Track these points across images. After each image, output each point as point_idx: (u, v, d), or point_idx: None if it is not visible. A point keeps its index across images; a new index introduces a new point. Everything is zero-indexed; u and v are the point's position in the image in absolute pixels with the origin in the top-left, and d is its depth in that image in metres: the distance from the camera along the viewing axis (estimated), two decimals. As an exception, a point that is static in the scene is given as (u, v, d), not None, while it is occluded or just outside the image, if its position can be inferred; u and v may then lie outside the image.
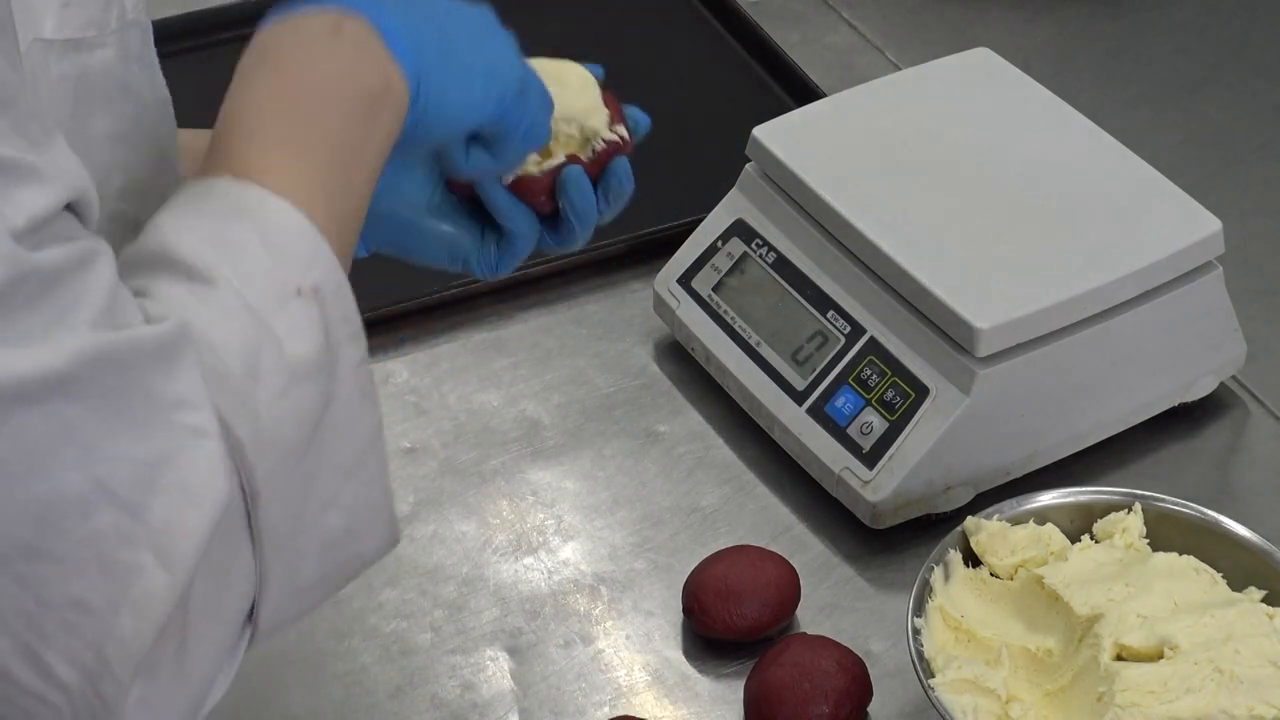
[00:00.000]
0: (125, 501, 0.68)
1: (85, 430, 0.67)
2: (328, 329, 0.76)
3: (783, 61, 1.60)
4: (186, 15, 1.62)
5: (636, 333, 1.38)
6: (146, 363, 0.69)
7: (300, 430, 0.75)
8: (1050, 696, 1.06)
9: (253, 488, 0.73)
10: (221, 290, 0.74)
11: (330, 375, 0.76)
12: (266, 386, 0.73)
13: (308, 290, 0.76)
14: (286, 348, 0.74)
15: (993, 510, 1.14)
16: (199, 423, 0.70)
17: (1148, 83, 1.64)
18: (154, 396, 0.69)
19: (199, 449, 0.70)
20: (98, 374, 0.68)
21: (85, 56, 0.77)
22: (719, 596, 1.15)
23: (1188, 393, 1.30)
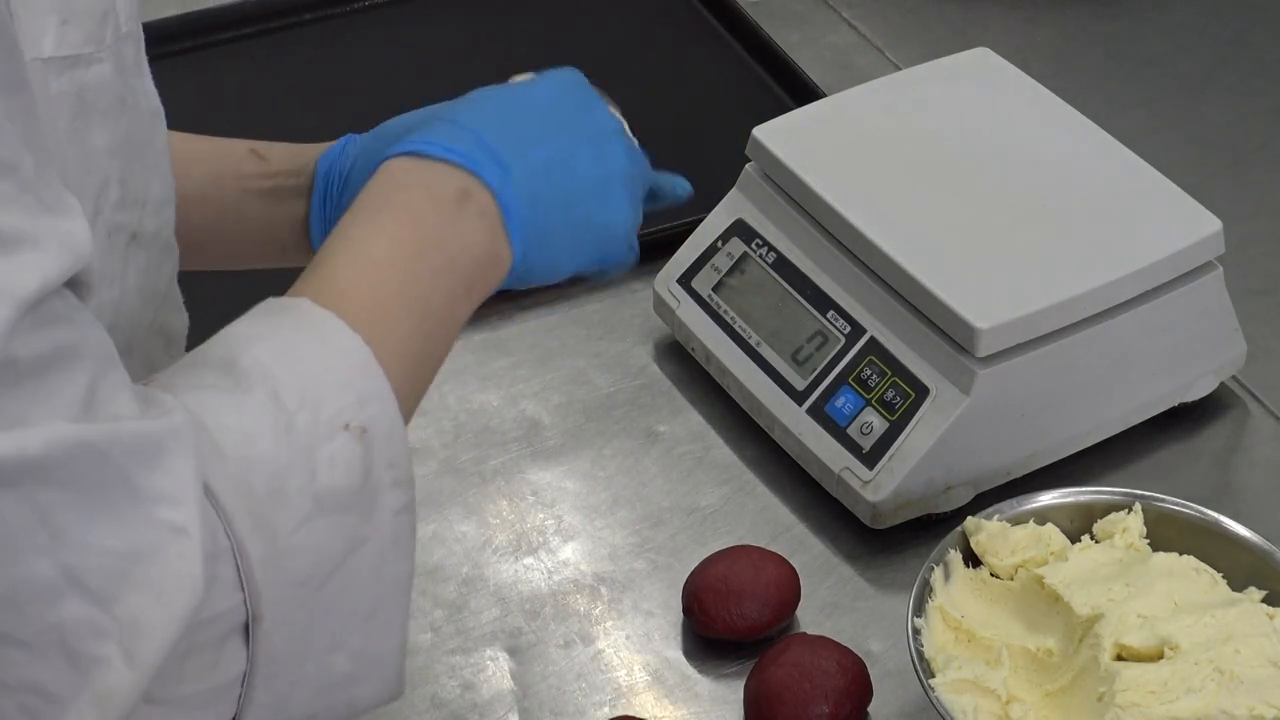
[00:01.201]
0: (94, 592, 0.67)
1: (59, 517, 0.66)
2: (370, 470, 0.75)
3: (783, 61, 1.60)
4: (186, 15, 1.63)
5: (636, 333, 1.38)
6: (128, 455, 0.68)
7: (318, 564, 0.74)
8: (1050, 696, 1.06)
9: (257, 610, 0.72)
10: (267, 405, 0.73)
11: (364, 517, 0.75)
12: (288, 512, 0.73)
13: (356, 427, 0.75)
14: (320, 479, 0.74)
15: (993, 510, 1.14)
16: (179, 520, 0.69)
17: (1148, 83, 1.64)
18: (134, 489, 0.68)
19: (176, 547, 0.69)
20: (75, 462, 0.67)
21: (83, 72, 0.77)
22: (719, 596, 1.15)
23: (1188, 393, 1.30)
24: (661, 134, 1.51)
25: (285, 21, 1.67)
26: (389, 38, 1.66)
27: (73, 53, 0.76)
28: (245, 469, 0.72)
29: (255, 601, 0.72)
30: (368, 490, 0.75)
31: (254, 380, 0.74)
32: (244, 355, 0.75)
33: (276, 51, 1.64)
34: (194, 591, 0.69)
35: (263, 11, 1.66)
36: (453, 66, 1.61)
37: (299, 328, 0.77)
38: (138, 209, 0.83)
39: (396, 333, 0.80)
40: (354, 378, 0.76)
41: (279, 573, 0.72)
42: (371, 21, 1.68)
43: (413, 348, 0.81)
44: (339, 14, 1.68)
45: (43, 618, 0.67)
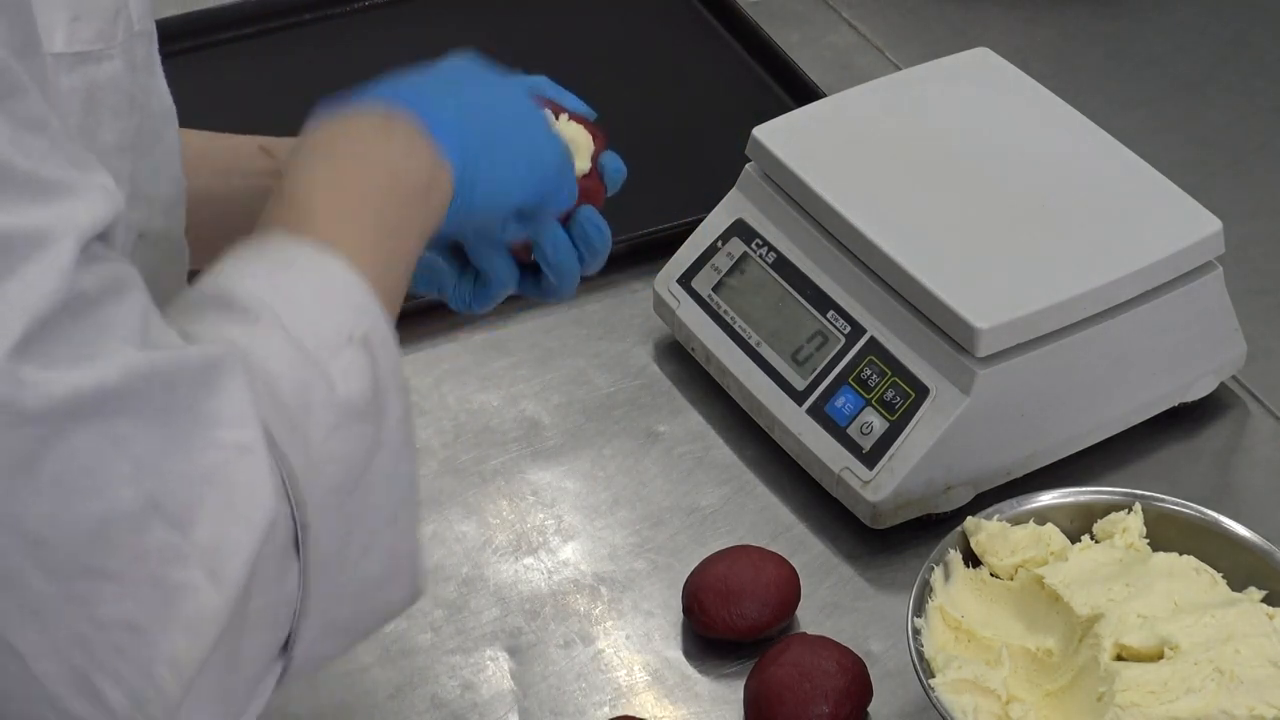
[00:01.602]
0: (175, 518, 0.69)
1: (137, 446, 0.68)
2: (377, 377, 0.78)
3: (783, 61, 1.60)
4: (186, 15, 1.63)
5: (636, 333, 1.38)
6: (191, 381, 0.70)
7: (349, 469, 0.76)
8: (1050, 696, 1.06)
9: (303, 518, 0.73)
10: (275, 330, 0.75)
11: (378, 423, 0.78)
12: (318, 421, 0.75)
13: (359, 338, 0.77)
14: (338, 388, 0.76)
15: (993, 510, 1.14)
16: (245, 439, 0.71)
17: (1148, 83, 1.64)
18: (199, 414, 0.70)
19: (244, 465, 0.71)
20: (147, 390, 0.68)
21: (93, 69, 0.78)
22: (719, 596, 1.15)
23: (1188, 393, 1.30)
24: (661, 134, 1.52)
25: (285, 21, 1.67)
26: (389, 38, 1.66)
27: (83, 49, 0.77)
28: (273, 387, 0.74)
29: (301, 510, 0.73)
30: (378, 396, 0.78)
31: (255, 310, 0.76)
32: (238, 290, 0.77)
33: (276, 51, 1.64)
34: (267, 506, 0.71)
35: (263, 11, 1.66)
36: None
37: (280, 259, 0.79)
38: (145, 207, 0.84)
39: (364, 248, 0.82)
40: (345, 294, 0.79)
41: (316, 480, 0.74)
42: (371, 21, 1.68)
43: (379, 261, 0.83)
44: (339, 14, 1.68)
45: (131, 548, 0.68)
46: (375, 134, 0.88)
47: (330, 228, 0.82)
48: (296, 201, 0.84)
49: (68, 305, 0.67)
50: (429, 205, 0.89)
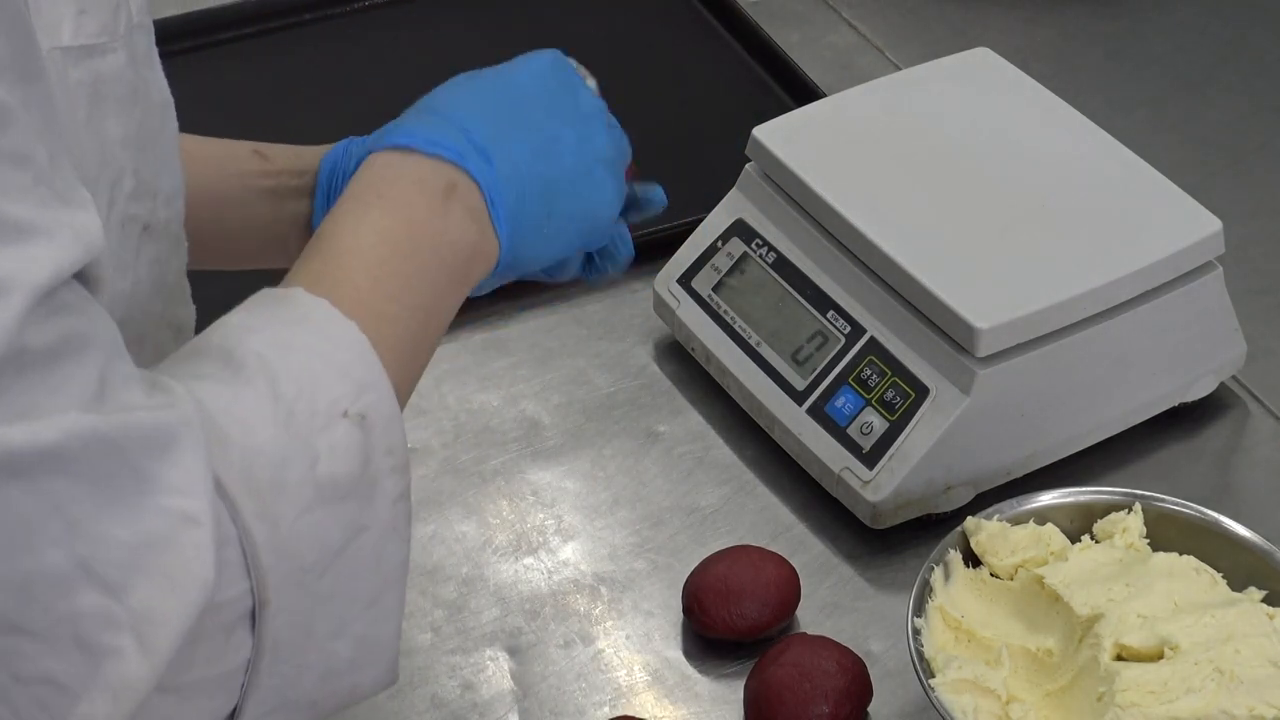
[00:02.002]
0: (108, 582, 0.67)
1: (73, 507, 0.67)
2: (369, 458, 0.76)
3: (783, 61, 1.60)
4: (186, 15, 1.63)
5: (636, 333, 1.38)
6: (140, 446, 0.68)
7: (321, 551, 0.74)
8: (1050, 696, 1.06)
9: (263, 595, 0.72)
10: (266, 395, 0.74)
11: (364, 504, 0.76)
12: (291, 500, 0.73)
13: (354, 415, 0.76)
14: (320, 467, 0.74)
15: (993, 510, 1.14)
16: (191, 509, 0.69)
17: (1148, 83, 1.64)
18: (145, 479, 0.68)
19: (188, 536, 0.69)
20: (89, 452, 0.67)
21: (98, 61, 0.77)
22: (719, 596, 1.15)
23: (1188, 393, 1.30)
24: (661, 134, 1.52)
25: (285, 21, 1.67)
26: (389, 38, 1.66)
27: (88, 42, 0.76)
28: (248, 457, 0.72)
29: (261, 587, 0.72)
30: (367, 477, 0.76)
31: (251, 371, 0.75)
32: (240, 346, 0.76)
33: (276, 51, 1.64)
34: (206, 580, 0.69)
35: (263, 11, 1.67)
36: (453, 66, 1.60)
37: (294, 317, 0.78)
38: (150, 200, 0.84)
39: (388, 322, 0.80)
40: (351, 365, 0.77)
41: (284, 559, 0.73)
42: (371, 21, 1.68)
43: (404, 337, 0.81)
44: (339, 14, 1.68)
45: (56, 608, 0.67)
46: (437, 199, 0.86)
47: (360, 290, 0.80)
48: (335, 250, 0.83)
49: (9, 361, 0.65)
50: (467, 280, 0.87)
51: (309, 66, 1.63)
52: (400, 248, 0.84)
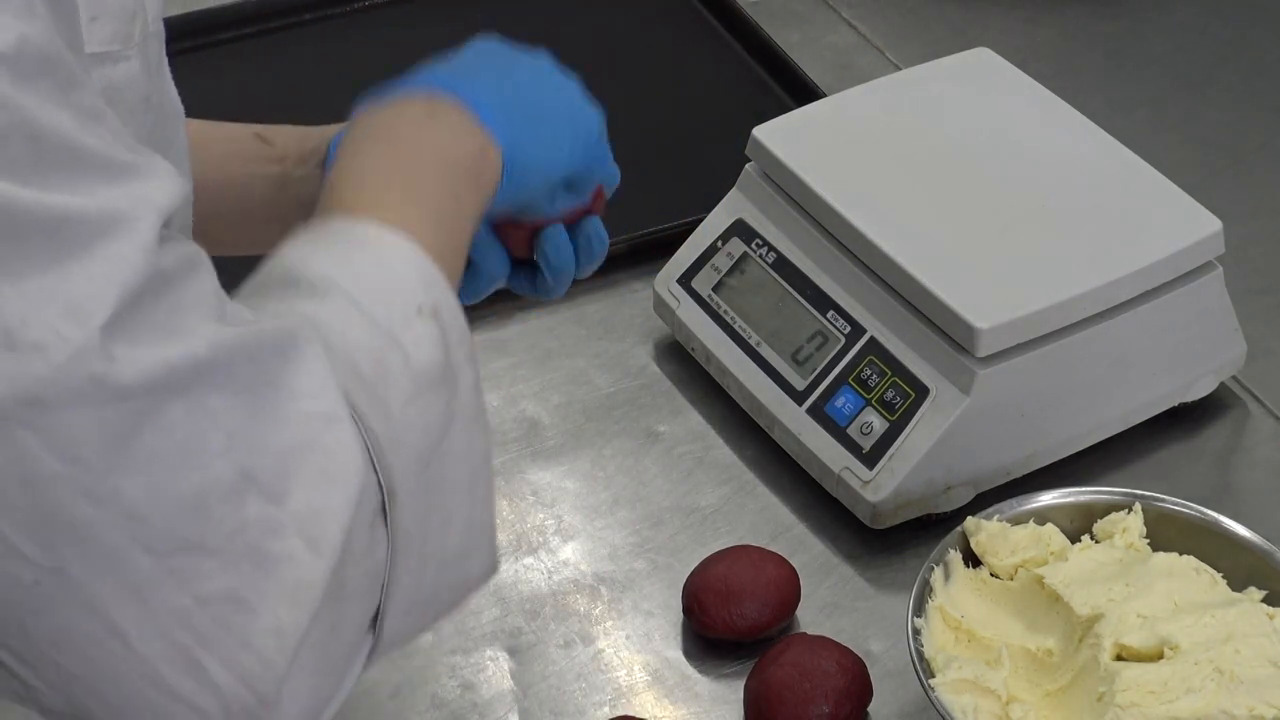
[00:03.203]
0: (269, 490, 0.69)
1: (228, 419, 0.68)
2: (448, 347, 0.78)
3: (783, 61, 1.60)
4: (186, 15, 1.63)
5: (636, 333, 1.38)
6: (271, 355, 0.70)
7: (428, 438, 0.76)
8: (1050, 696, 1.06)
9: (390, 486, 0.74)
10: (346, 304, 0.76)
11: (451, 393, 0.78)
12: (396, 390, 0.75)
13: (427, 310, 0.78)
14: (412, 357, 0.76)
15: (993, 510, 1.14)
16: (328, 409, 0.71)
17: (1148, 83, 1.64)
18: (281, 387, 0.70)
19: (331, 434, 0.71)
20: (233, 364, 0.69)
21: (111, 69, 0.78)
22: (719, 596, 1.15)
23: (1188, 393, 1.30)
24: (661, 134, 1.52)
25: (285, 21, 1.67)
26: (389, 38, 1.66)
27: (101, 49, 0.77)
28: (351, 358, 0.74)
29: (388, 478, 0.74)
30: (450, 367, 0.78)
31: (324, 288, 0.77)
32: (305, 270, 0.78)
33: (276, 51, 1.64)
34: (358, 473, 0.71)
35: (263, 11, 1.66)
36: (453, 66, 1.61)
37: (343, 238, 0.80)
38: None
39: (423, 228, 0.82)
40: (409, 268, 0.79)
41: (399, 449, 0.74)
42: (371, 21, 1.68)
43: (440, 241, 0.83)
44: (339, 14, 1.68)
45: (229, 521, 0.68)
46: (422, 118, 0.89)
47: (388, 208, 0.83)
48: (352, 185, 0.85)
49: (151, 283, 0.67)
50: (480, 185, 0.90)
51: (309, 66, 1.63)
52: (409, 165, 0.87)
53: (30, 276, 0.65)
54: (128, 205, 0.67)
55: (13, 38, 0.65)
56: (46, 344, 0.64)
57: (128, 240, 0.67)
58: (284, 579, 0.69)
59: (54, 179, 0.65)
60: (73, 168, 0.66)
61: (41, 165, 0.65)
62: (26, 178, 0.64)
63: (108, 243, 0.66)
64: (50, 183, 0.65)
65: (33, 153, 0.65)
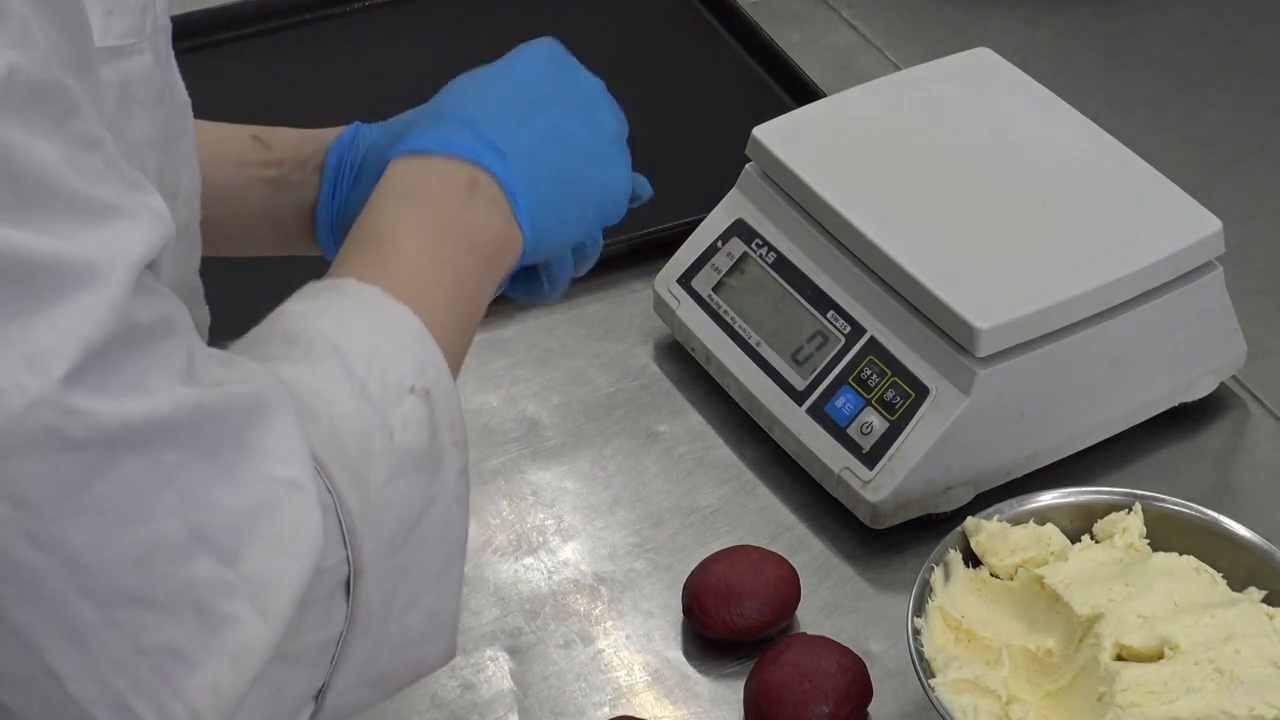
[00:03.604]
0: (222, 550, 0.69)
1: (184, 477, 0.68)
2: (435, 431, 0.78)
3: (783, 61, 1.60)
4: (186, 15, 1.62)
5: (636, 333, 1.38)
6: (240, 415, 0.70)
7: (403, 521, 0.76)
8: (1050, 696, 1.06)
9: (358, 564, 0.74)
10: (339, 372, 0.76)
11: (433, 477, 0.78)
12: (377, 468, 0.75)
13: (420, 390, 0.78)
14: (397, 436, 0.76)
15: (993, 510, 1.14)
16: (293, 475, 0.71)
17: (1148, 83, 1.64)
18: (247, 449, 0.70)
19: (293, 500, 0.71)
20: (196, 423, 0.68)
21: (125, 63, 0.78)
22: (719, 596, 1.15)
23: (1188, 393, 1.30)
24: (662, 134, 1.52)
25: (285, 21, 1.67)
26: (389, 38, 1.66)
27: (116, 43, 0.77)
28: (335, 429, 0.74)
29: (357, 555, 0.74)
30: (435, 450, 0.78)
31: (321, 351, 0.77)
32: (306, 329, 0.78)
33: (276, 51, 1.64)
34: (316, 542, 0.71)
35: (263, 11, 1.66)
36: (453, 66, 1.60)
37: (350, 303, 0.80)
38: (172, 200, 0.84)
39: (434, 308, 0.82)
40: (410, 345, 0.79)
41: (373, 528, 0.74)
42: (371, 21, 1.68)
43: (449, 322, 0.84)
44: (339, 14, 1.68)
45: (175, 578, 0.68)
46: (462, 193, 0.88)
47: (406, 279, 0.83)
48: (375, 244, 0.85)
49: (118, 338, 0.66)
50: (499, 269, 0.90)
51: (309, 66, 1.63)
52: (436, 238, 0.86)
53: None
54: (102, 254, 0.66)
55: (1, 68, 0.64)
56: (2, 391, 0.64)
57: (97, 292, 0.66)
58: (227, 640, 0.69)
59: (28, 219, 0.64)
60: (50, 208, 0.65)
61: (19, 205, 0.64)
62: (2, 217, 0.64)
63: (76, 293, 0.65)
64: (25, 223, 0.64)
65: (10, 191, 0.64)
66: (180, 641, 0.68)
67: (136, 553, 0.67)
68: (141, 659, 0.68)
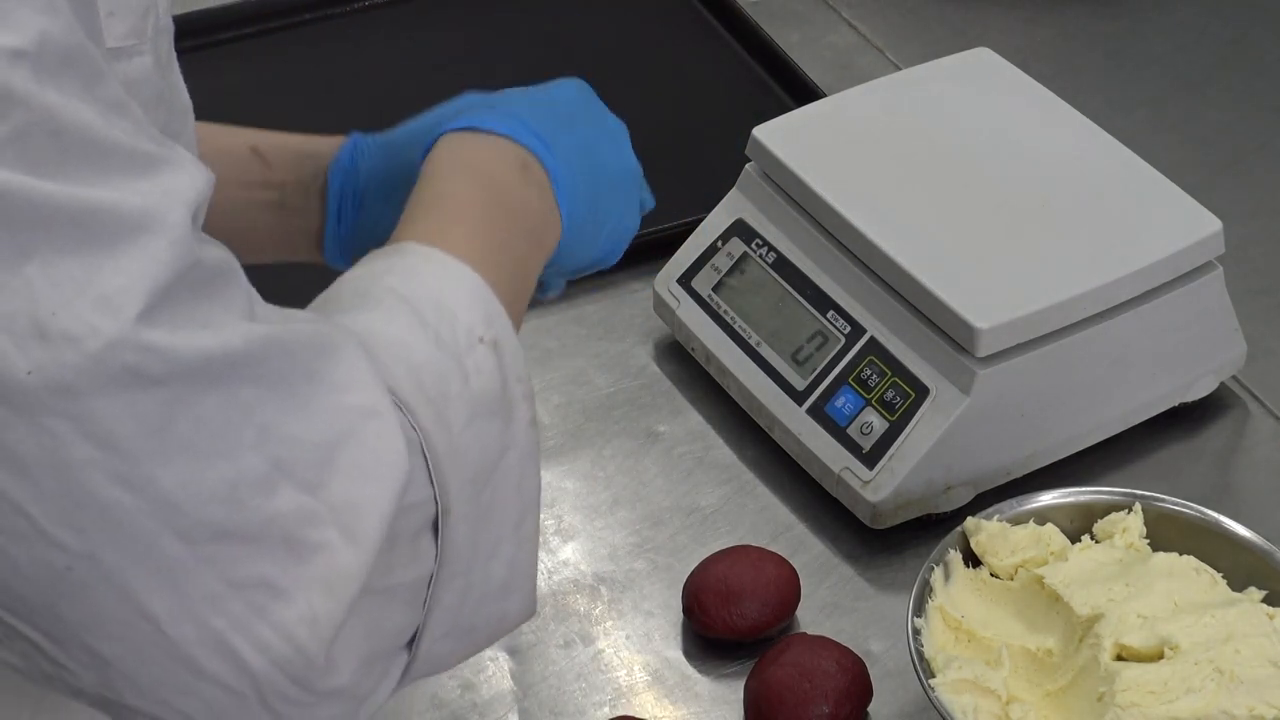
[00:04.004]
0: (304, 480, 0.69)
1: (261, 411, 0.69)
2: (505, 380, 0.79)
3: (783, 61, 1.60)
4: (186, 15, 1.62)
5: (636, 333, 1.38)
6: (308, 351, 0.71)
7: (484, 463, 0.77)
8: (1050, 697, 1.06)
9: (445, 502, 0.74)
10: (412, 321, 0.77)
11: (506, 424, 0.79)
12: (456, 410, 0.76)
13: (489, 340, 0.79)
14: (472, 383, 0.77)
15: (993, 510, 1.14)
16: (368, 402, 0.72)
17: (1148, 83, 1.64)
18: (319, 380, 0.71)
19: (371, 427, 0.71)
20: (268, 357, 0.69)
21: (126, 65, 0.78)
22: (719, 596, 1.15)
23: (1188, 393, 1.30)
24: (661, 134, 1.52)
25: (285, 21, 1.67)
26: (389, 38, 1.66)
27: (117, 45, 0.77)
28: (415, 371, 0.75)
29: (444, 494, 0.74)
30: (506, 399, 0.79)
31: (391, 302, 0.78)
32: (374, 286, 0.79)
33: (276, 51, 1.64)
34: (399, 466, 0.72)
35: (263, 11, 1.66)
36: (453, 66, 1.61)
37: (413, 262, 0.81)
38: None
39: (491, 269, 0.83)
40: (475, 298, 0.80)
41: (457, 467, 0.75)
42: (371, 21, 1.68)
43: (503, 285, 0.84)
44: (339, 14, 1.68)
45: (262, 510, 0.68)
46: (516, 169, 0.90)
47: (460, 243, 0.83)
48: (435, 211, 0.86)
49: (183, 277, 0.67)
50: (543, 248, 0.91)
51: (309, 66, 1.63)
52: (491, 209, 0.87)
53: (60, 267, 0.65)
54: (156, 199, 0.67)
55: (34, 33, 0.65)
56: (79, 335, 0.65)
57: (158, 235, 0.67)
58: (319, 567, 0.70)
59: (80, 173, 0.65)
60: (99, 162, 0.66)
61: (67, 161, 0.65)
62: (52, 173, 0.65)
63: (138, 236, 0.66)
64: (77, 177, 0.65)
65: (57, 148, 0.65)
66: (273, 574, 0.69)
67: (222, 488, 0.68)
68: (236, 594, 0.68)
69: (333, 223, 1.02)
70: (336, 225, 1.02)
